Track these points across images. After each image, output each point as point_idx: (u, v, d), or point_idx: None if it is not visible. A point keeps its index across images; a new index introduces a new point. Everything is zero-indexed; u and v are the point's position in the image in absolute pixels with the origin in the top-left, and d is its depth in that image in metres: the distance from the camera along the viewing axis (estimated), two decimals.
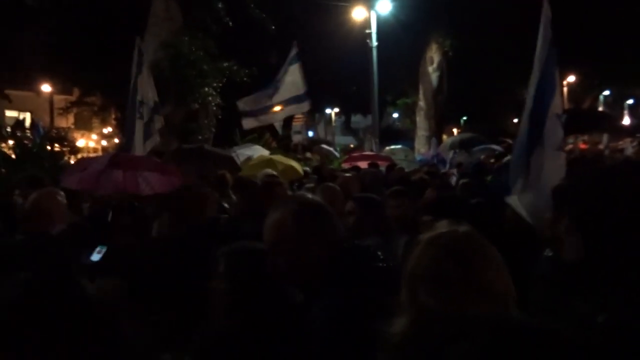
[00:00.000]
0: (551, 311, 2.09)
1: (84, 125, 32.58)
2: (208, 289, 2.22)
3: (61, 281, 1.33)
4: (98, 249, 3.70)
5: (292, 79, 9.89)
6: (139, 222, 4.06)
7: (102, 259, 3.60)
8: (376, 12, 18.35)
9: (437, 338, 1.56)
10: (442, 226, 1.76)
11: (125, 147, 7.34)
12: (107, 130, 31.56)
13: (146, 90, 7.44)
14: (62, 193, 3.96)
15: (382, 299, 2.01)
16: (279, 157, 10.59)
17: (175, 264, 3.18)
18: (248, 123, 10.66)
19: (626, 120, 36.21)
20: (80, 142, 31.76)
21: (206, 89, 13.34)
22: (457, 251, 1.64)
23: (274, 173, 7.38)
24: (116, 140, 26.15)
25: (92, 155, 26.62)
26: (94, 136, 35.36)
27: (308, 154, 20.06)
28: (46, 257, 3.22)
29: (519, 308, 1.70)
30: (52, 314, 1.22)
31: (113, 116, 23.62)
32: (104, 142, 33.91)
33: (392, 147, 15.50)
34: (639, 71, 26.20)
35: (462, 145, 16.19)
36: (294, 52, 10.15)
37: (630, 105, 37.86)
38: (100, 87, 19.65)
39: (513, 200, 4.34)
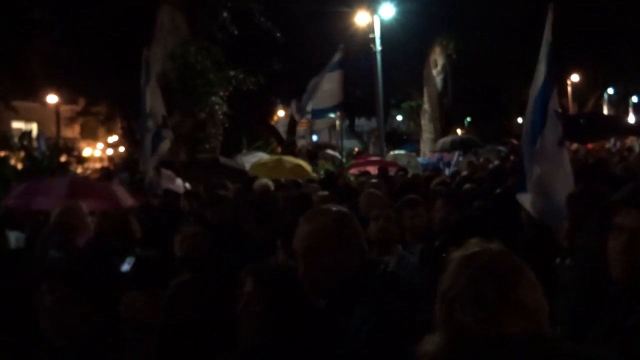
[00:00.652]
0: (584, 325, 2.12)
1: (89, 135, 32.72)
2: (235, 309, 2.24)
3: None
4: (128, 259, 3.73)
5: (333, 86, 9.46)
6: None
7: (132, 270, 3.63)
8: (379, 16, 18.39)
9: (474, 357, 1.59)
10: (474, 244, 1.79)
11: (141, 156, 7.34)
12: (113, 139, 31.69)
13: (153, 102, 7.42)
14: (84, 205, 4.04)
15: (413, 308, 2.08)
16: (288, 157, 10.64)
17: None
18: (320, 124, 10.38)
19: (631, 118, 36.06)
20: (87, 152, 31.91)
21: (213, 98, 13.41)
22: (493, 270, 1.67)
23: (269, 184, 7.41)
24: (122, 149, 26.29)
25: (97, 165, 26.79)
26: (100, 145, 35.50)
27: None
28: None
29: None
30: None
31: (119, 125, 23.74)
32: (110, 151, 34.02)
33: (396, 152, 15.49)
34: None
35: (453, 147, 16.19)
36: (339, 56, 9.63)
37: (635, 103, 37.69)
38: (106, 97, 19.78)
39: (523, 198, 4.37)
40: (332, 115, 9.86)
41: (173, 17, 13.05)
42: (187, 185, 8.71)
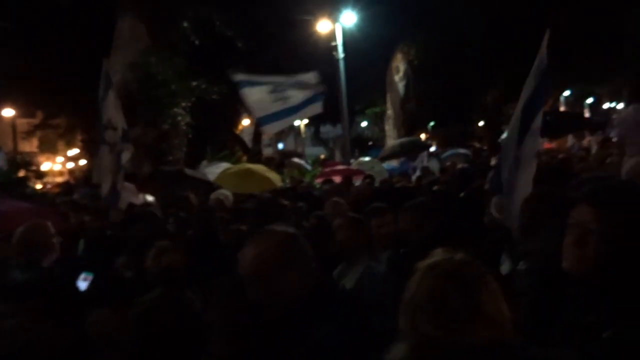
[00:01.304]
0: (544, 328, 2.15)
1: (48, 149, 31.86)
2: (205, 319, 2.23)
3: None
4: (83, 275, 3.60)
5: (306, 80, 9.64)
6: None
7: (91, 286, 3.52)
8: (341, 24, 18.53)
9: None
10: (439, 254, 1.79)
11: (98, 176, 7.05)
12: (74, 152, 30.90)
13: (113, 114, 7.18)
14: (49, 224, 3.91)
15: (370, 327, 2.06)
16: (257, 167, 10.49)
17: None
18: (270, 128, 10.42)
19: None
20: (46, 166, 31.03)
21: (176, 108, 13.23)
22: (456, 278, 1.68)
23: (228, 194, 7.34)
24: (83, 162, 25.65)
25: (57, 179, 26.06)
26: (60, 159, 34.58)
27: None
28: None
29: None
30: None
31: (79, 138, 23.17)
32: (70, 165, 33.15)
33: (360, 159, 15.46)
34: (597, 71, 27.11)
35: (402, 149, 16.30)
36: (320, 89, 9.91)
37: (590, 104, 39.06)
38: (65, 109, 19.27)
39: (496, 203, 4.47)
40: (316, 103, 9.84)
41: (133, 27, 12.83)
42: (150, 197, 8.53)
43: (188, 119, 13.91)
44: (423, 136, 32.61)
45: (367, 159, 15.37)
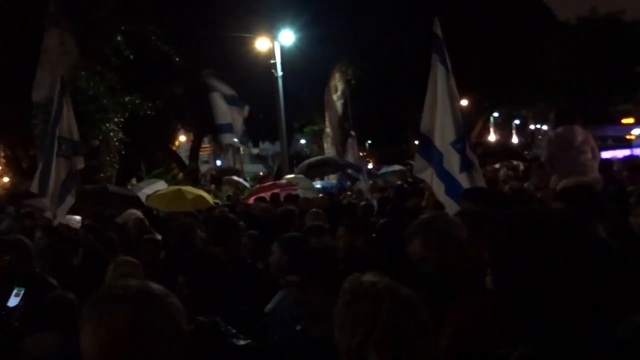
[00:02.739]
0: None
1: None
2: None
3: None
4: (15, 291, 3.31)
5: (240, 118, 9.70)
6: None
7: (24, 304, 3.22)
8: (280, 42, 18.64)
9: None
10: (367, 278, 1.72)
11: (40, 187, 6.70)
12: None
13: (71, 125, 7.00)
14: None
15: None
16: (188, 187, 10.39)
17: None
18: (227, 138, 10.51)
19: (515, 139, 39.38)
20: None
21: (107, 124, 12.77)
22: (406, 305, 1.59)
23: (140, 215, 7.18)
24: (5, 179, 24.24)
25: None
26: None
27: (212, 187, 19.79)
28: None
29: None
30: None
31: (2, 154, 21.92)
32: None
33: (289, 176, 15.15)
34: (523, 95, 28.89)
35: (311, 169, 16.42)
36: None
37: (517, 125, 41.35)
38: None
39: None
40: (235, 140, 9.99)
41: (62, 41, 12.31)
42: (77, 217, 8.16)
43: (120, 135, 13.45)
44: (360, 154, 33.18)
45: (293, 175, 15.11)
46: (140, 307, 1.32)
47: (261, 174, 31.40)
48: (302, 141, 36.62)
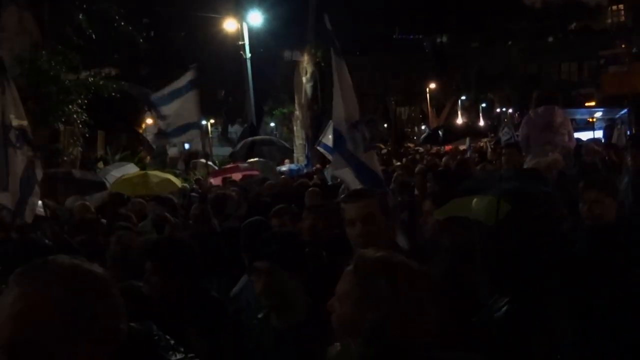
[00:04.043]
0: None
1: None
2: None
3: None
4: None
5: (189, 105, 8.79)
6: None
7: None
8: (248, 23, 18.38)
9: None
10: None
11: None
12: None
13: (15, 111, 6.46)
14: None
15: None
16: (155, 172, 10.24)
17: None
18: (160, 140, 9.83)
19: (481, 121, 40.17)
20: None
21: (70, 106, 12.38)
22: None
23: (89, 206, 7.01)
24: None
25: None
26: None
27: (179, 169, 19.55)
28: None
29: None
30: None
31: None
32: None
33: (252, 160, 14.86)
34: (488, 79, 29.31)
35: (255, 145, 16.39)
36: (190, 77, 8.89)
37: (483, 108, 42.24)
38: None
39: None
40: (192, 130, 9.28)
41: (20, 19, 11.87)
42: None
43: (84, 117, 13.06)
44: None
45: (256, 159, 14.88)
46: (78, 284, 1.14)
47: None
48: (272, 124, 36.40)
